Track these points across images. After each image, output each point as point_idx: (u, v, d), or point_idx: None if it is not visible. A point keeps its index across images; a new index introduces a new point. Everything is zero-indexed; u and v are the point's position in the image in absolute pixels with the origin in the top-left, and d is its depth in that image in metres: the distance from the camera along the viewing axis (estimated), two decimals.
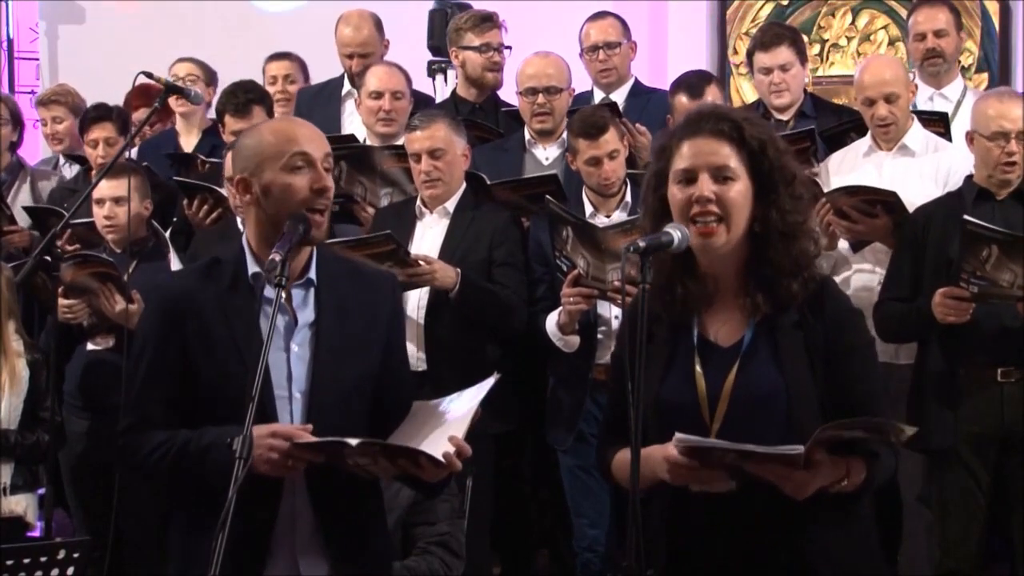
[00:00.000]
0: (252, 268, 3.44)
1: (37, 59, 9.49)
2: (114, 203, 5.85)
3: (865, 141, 5.79)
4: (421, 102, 6.72)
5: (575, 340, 5.33)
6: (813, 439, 2.99)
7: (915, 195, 5.38)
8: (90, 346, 5.93)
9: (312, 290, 3.48)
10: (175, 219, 6.21)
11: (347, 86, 6.98)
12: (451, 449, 3.25)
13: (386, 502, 4.04)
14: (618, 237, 5.09)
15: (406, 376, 3.69)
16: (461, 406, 3.41)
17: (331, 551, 3.45)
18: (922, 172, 5.60)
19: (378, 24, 7.05)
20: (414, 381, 3.69)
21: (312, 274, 3.48)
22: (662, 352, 3.19)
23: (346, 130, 6.69)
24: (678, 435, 3.03)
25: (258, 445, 3.20)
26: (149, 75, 5.27)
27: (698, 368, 3.22)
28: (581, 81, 6.73)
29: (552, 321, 5.39)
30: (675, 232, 3.14)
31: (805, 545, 3.17)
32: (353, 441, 3.24)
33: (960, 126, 5.80)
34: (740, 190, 3.19)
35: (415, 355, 5.38)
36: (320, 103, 6.98)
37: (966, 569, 5.22)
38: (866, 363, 3.31)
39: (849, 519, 3.23)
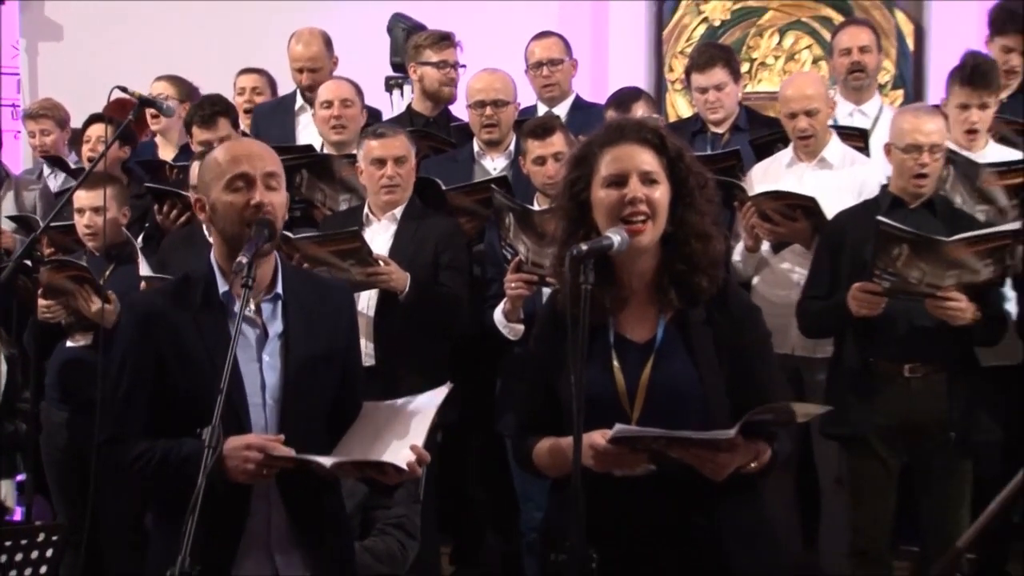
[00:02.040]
0: (223, 287, 3.46)
1: (18, 74, 9.43)
2: (93, 212, 5.84)
3: (787, 152, 5.84)
4: (372, 115, 6.75)
5: (520, 328, 5.35)
6: (740, 424, 3.03)
7: (832, 205, 5.41)
8: (68, 343, 5.91)
9: (280, 303, 3.50)
10: (147, 224, 6.19)
11: (300, 100, 7.00)
12: (413, 457, 3.30)
13: (348, 488, 4.06)
14: (552, 221, 5.13)
15: (360, 379, 3.71)
16: (416, 411, 3.44)
17: (303, 542, 3.47)
18: (839, 184, 5.63)
19: (327, 41, 7.06)
20: (365, 380, 3.69)
21: (279, 288, 3.50)
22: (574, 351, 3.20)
23: (300, 141, 6.69)
24: (619, 426, 3.07)
25: (234, 456, 3.26)
26: (124, 89, 5.27)
27: (616, 363, 3.25)
28: (527, 96, 6.76)
29: (499, 311, 5.41)
30: (615, 236, 3.16)
31: (716, 519, 3.21)
32: (327, 461, 3.29)
33: (878, 140, 5.85)
34: (663, 193, 3.24)
35: (364, 349, 5.30)
36: (276, 117, 7.00)
37: (877, 547, 5.25)
38: (766, 355, 3.39)
39: (753, 496, 3.29)
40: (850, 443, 5.25)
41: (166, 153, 7.07)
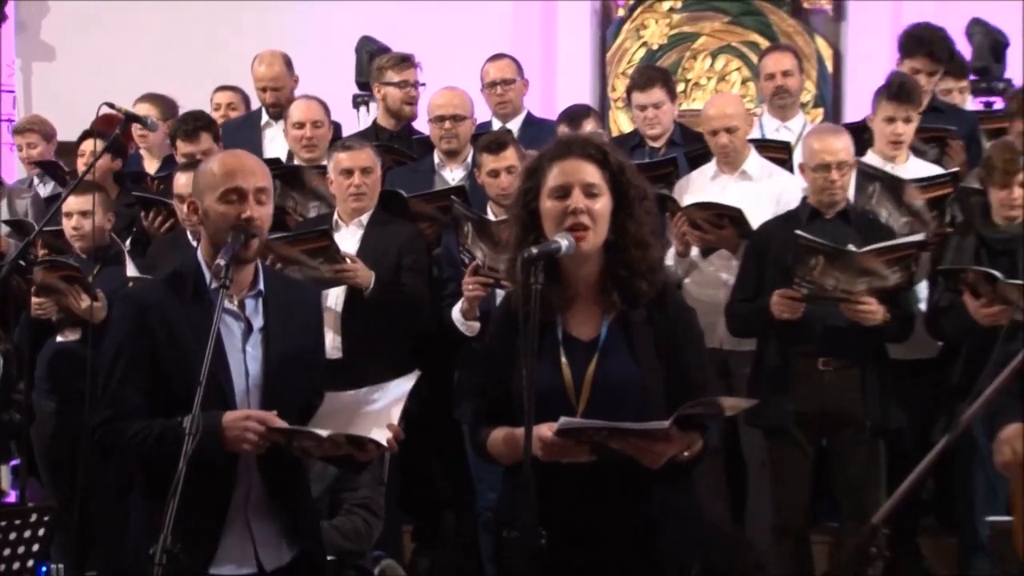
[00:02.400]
0: (211, 283, 3.45)
1: (13, 92, 9.37)
2: (81, 216, 5.83)
3: (711, 166, 5.86)
4: (335, 129, 6.76)
5: (476, 325, 5.33)
6: (675, 416, 3.04)
7: (752, 213, 5.44)
8: (59, 338, 5.88)
9: (261, 299, 3.51)
10: (134, 229, 6.16)
11: (265, 117, 6.99)
12: (390, 435, 3.32)
13: (316, 472, 4.06)
14: (506, 229, 5.14)
15: (324, 370, 3.72)
16: (388, 397, 3.44)
17: (278, 514, 3.49)
18: (759, 194, 5.65)
19: (288, 62, 7.04)
20: (333, 372, 3.70)
21: (261, 286, 3.52)
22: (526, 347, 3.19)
23: (267, 154, 6.63)
24: (564, 419, 3.08)
25: (233, 427, 3.29)
26: (111, 106, 5.25)
27: (563, 359, 3.25)
28: (483, 113, 6.76)
29: (457, 310, 5.40)
30: (563, 241, 3.17)
31: (652, 503, 3.22)
32: (323, 433, 3.31)
33: (799, 155, 5.87)
34: (604, 204, 3.24)
35: (332, 343, 5.36)
36: (243, 133, 6.96)
37: (796, 524, 5.29)
38: (700, 352, 3.41)
39: (686, 481, 3.30)
40: (771, 431, 5.27)
41: (150, 166, 7.02)
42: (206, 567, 3.40)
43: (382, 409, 3.41)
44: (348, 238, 5.55)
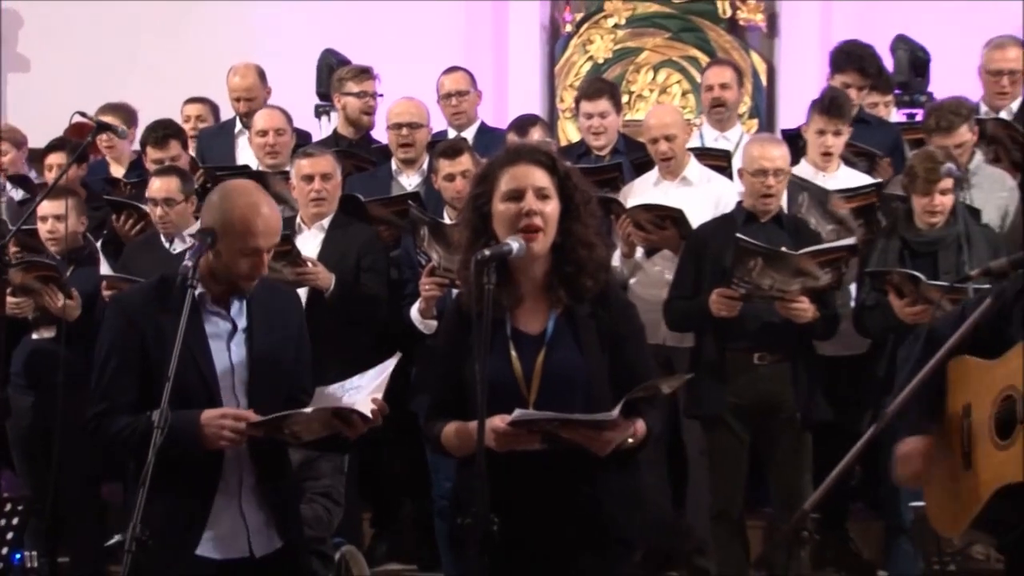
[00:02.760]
0: (199, 289, 3.45)
1: None
2: (55, 220, 5.80)
3: (654, 172, 5.87)
4: (302, 137, 6.76)
5: (433, 323, 5.32)
6: (621, 405, 3.06)
7: (693, 217, 5.46)
8: (34, 336, 5.83)
9: (244, 303, 3.53)
10: (104, 231, 6.11)
11: (239, 126, 6.97)
12: (375, 407, 3.32)
13: None
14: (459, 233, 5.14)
15: (309, 366, 3.71)
16: (371, 378, 3.44)
17: (269, 503, 3.50)
18: (698, 198, 5.66)
19: (261, 74, 7.06)
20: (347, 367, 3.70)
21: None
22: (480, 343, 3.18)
23: (240, 161, 6.66)
24: (519, 411, 3.08)
25: (211, 425, 3.31)
26: (83, 115, 5.24)
27: (513, 353, 3.25)
28: (439, 122, 6.75)
29: (414, 309, 5.39)
30: (514, 243, 3.17)
31: (599, 488, 3.23)
32: (308, 409, 3.34)
33: (738, 162, 5.90)
34: (554, 207, 3.25)
35: None
36: (218, 140, 6.98)
37: (733, 509, 5.30)
38: (641, 345, 3.42)
39: (631, 467, 3.30)
40: (709, 421, 5.29)
41: (116, 171, 6.99)
42: (192, 550, 3.40)
43: (366, 389, 3.42)
44: (309, 241, 5.53)
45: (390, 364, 3.44)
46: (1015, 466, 2.96)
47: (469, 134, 6.61)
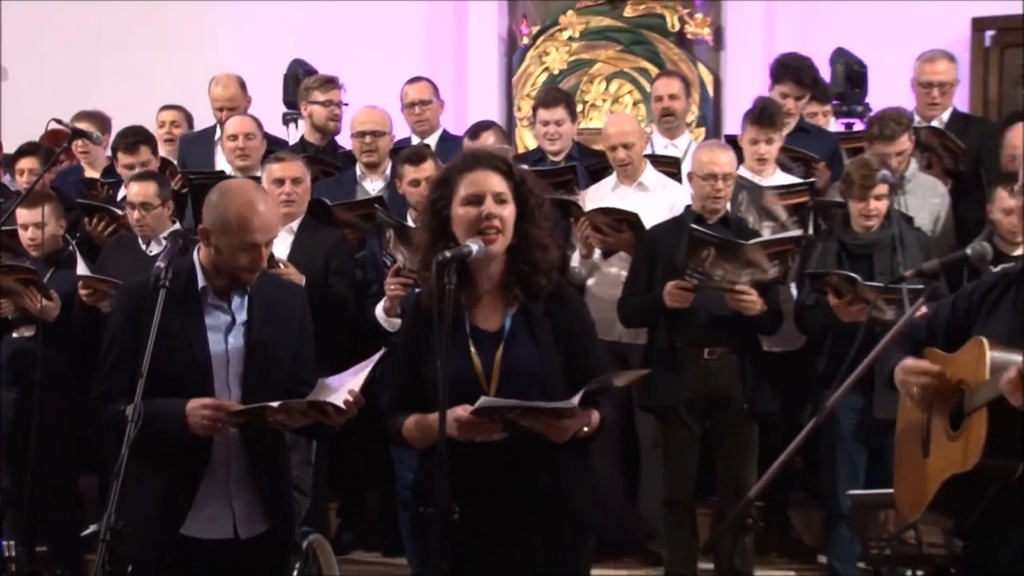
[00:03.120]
0: (202, 283, 3.50)
1: None
2: (35, 227, 5.76)
3: (612, 178, 5.89)
4: (276, 143, 6.73)
5: (397, 322, 5.29)
6: (580, 395, 3.07)
7: (649, 220, 5.48)
8: (15, 335, 5.79)
9: (246, 298, 3.53)
10: (78, 233, 6.06)
11: (219, 133, 6.87)
12: (350, 398, 3.34)
13: None
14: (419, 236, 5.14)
15: (311, 359, 3.71)
16: (353, 372, 3.47)
17: (257, 490, 3.51)
18: (654, 203, 5.69)
19: (242, 84, 7.02)
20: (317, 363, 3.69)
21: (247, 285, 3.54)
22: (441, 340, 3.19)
23: (218, 166, 6.62)
24: (483, 398, 3.09)
25: (193, 414, 3.33)
26: (59, 122, 5.19)
27: (473, 349, 3.25)
28: (404, 131, 6.74)
29: (379, 308, 5.38)
30: (473, 245, 3.17)
31: (555, 474, 3.24)
32: (275, 403, 3.34)
33: (687, 168, 5.92)
34: (510, 210, 3.26)
35: None
36: (198, 146, 6.93)
37: (684, 497, 5.33)
38: (592, 339, 3.44)
39: (585, 454, 3.32)
40: (661, 413, 5.31)
41: (91, 174, 6.93)
42: (178, 528, 3.43)
43: (347, 382, 3.44)
44: (279, 243, 5.47)
45: (374, 358, 3.47)
46: (960, 457, 2.99)
47: (432, 141, 6.60)
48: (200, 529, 3.47)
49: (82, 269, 5.59)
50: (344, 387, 3.43)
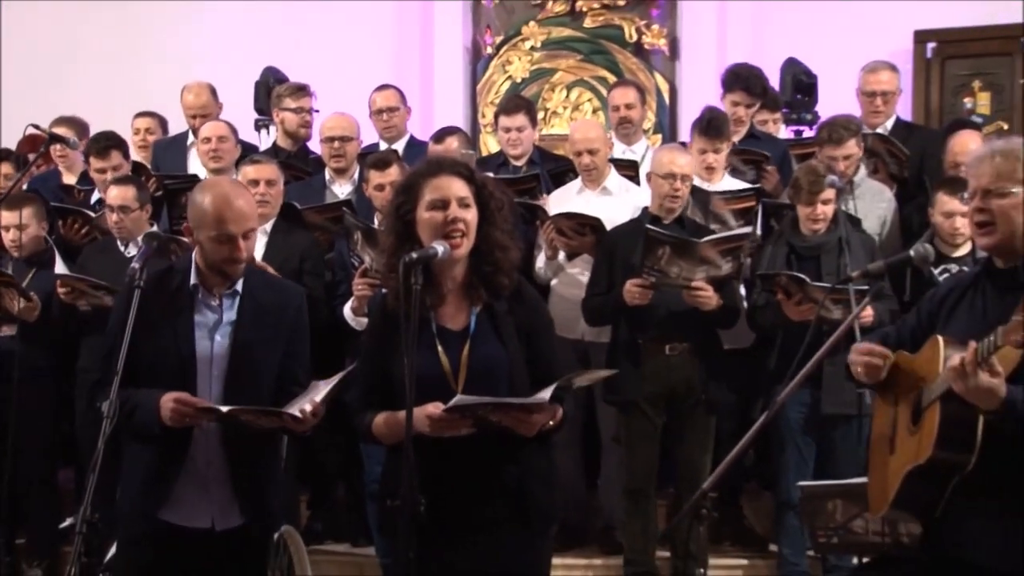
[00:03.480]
0: (193, 280, 3.52)
1: None
2: (16, 229, 5.73)
3: (577, 182, 5.88)
4: (249, 148, 6.69)
5: (364, 320, 5.28)
6: (552, 389, 3.08)
7: (612, 223, 5.47)
8: None
9: (237, 298, 3.54)
10: (52, 235, 6.00)
11: (191, 138, 6.87)
12: (308, 408, 3.38)
13: None
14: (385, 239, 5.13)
15: (306, 359, 3.72)
16: (325, 383, 3.51)
17: (235, 484, 3.51)
18: (618, 206, 5.67)
19: (213, 91, 6.99)
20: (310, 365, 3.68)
21: (239, 287, 3.56)
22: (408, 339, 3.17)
23: (191, 171, 6.58)
24: (459, 396, 3.08)
25: (164, 407, 3.36)
26: (37, 127, 5.16)
27: (440, 348, 3.24)
28: (371, 136, 6.71)
29: (347, 308, 5.35)
30: (439, 247, 3.16)
31: (520, 467, 3.24)
32: (224, 408, 3.35)
33: (645, 170, 5.93)
34: (473, 214, 3.26)
35: None
36: (171, 152, 6.89)
37: (645, 487, 5.34)
38: (552, 336, 3.45)
39: (548, 447, 3.32)
40: (624, 406, 5.31)
41: (69, 179, 6.88)
42: (156, 512, 3.45)
43: (316, 391, 3.48)
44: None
45: (340, 375, 3.50)
46: (919, 449, 3.00)
47: (399, 146, 6.59)
48: (178, 516, 3.49)
49: (60, 268, 5.54)
50: (311, 396, 3.44)
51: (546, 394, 3.08)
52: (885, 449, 3.21)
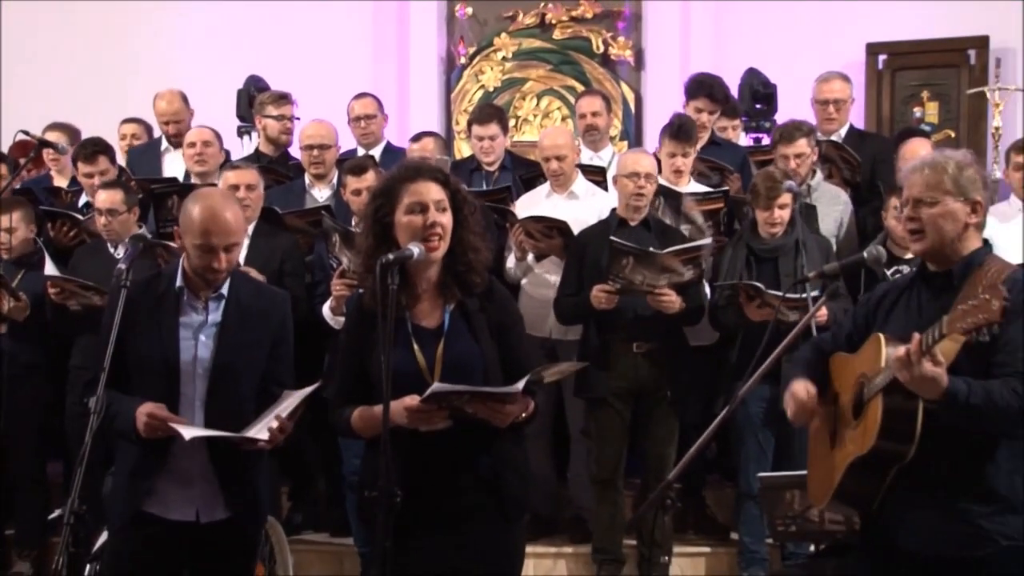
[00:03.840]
0: (179, 283, 3.49)
1: None
2: (5, 232, 5.67)
3: (546, 186, 5.87)
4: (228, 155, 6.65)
5: (343, 319, 5.25)
6: (525, 381, 3.08)
7: (578, 226, 5.47)
8: None
9: (223, 301, 3.51)
10: (40, 237, 5.94)
11: (165, 144, 6.86)
12: (275, 425, 3.37)
13: None
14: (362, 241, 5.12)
15: (290, 362, 3.68)
16: (292, 399, 3.49)
17: (221, 480, 3.48)
18: (585, 210, 5.65)
19: (184, 99, 6.93)
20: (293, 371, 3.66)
21: (224, 290, 3.52)
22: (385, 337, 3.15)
23: (166, 174, 6.53)
24: (437, 384, 3.07)
25: (139, 417, 3.32)
26: (26, 133, 5.11)
27: (415, 345, 3.22)
28: (350, 142, 6.69)
29: (326, 307, 5.33)
30: (415, 248, 3.15)
31: (494, 457, 3.24)
32: (187, 435, 3.30)
33: (612, 174, 5.94)
34: (448, 217, 3.24)
35: None
36: (146, 157, 6.85)
37: (613, 478, 5.35)
38: (522, 332, 3.44)
39: (520, 437, 3.31)
40: (593, 401, 5.32)
41: (61, 183, 6.81)
42: (141, 505, 3.43)
43: (283, 406, 3.45)
44: None
45: (308, 390, 3.48)
46: (860, 441, 3.03)
47: (376, 152, 6.57)
48: (163, 509, 3.46)
49: (50, 269, 5.49)
50: (278, 411, 3.41)
51: (519, 384, 3.07)
52: (825, 443, 3.22)
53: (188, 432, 3.30)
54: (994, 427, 2.96)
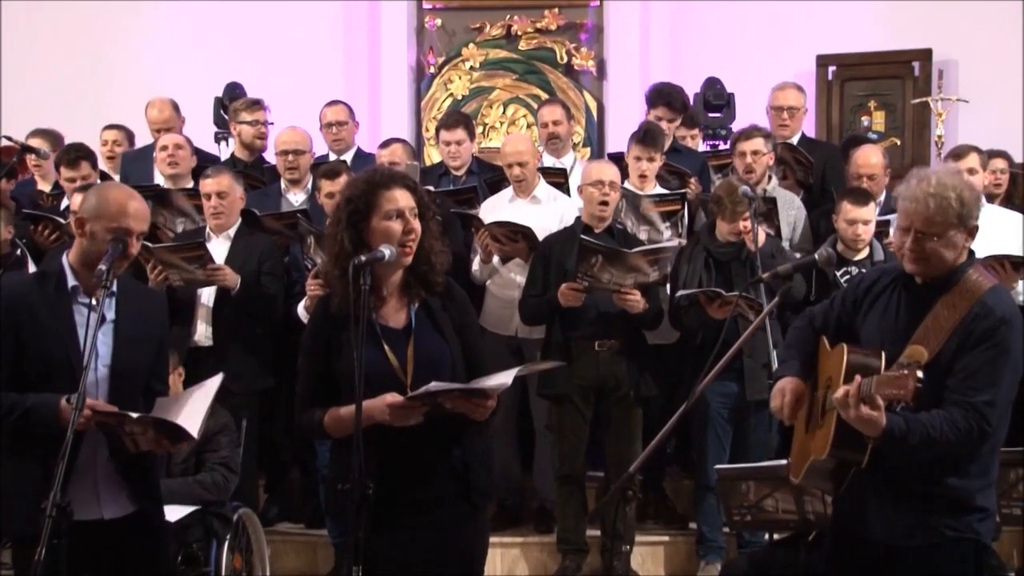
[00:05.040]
0: (72, 282, 3.38)
1: None
2: None
3: (509, 191, 5.86)
4: (209, 159, 6.62)
5: None
6: (513, 375, 3.09)
7: (541, 229, 5.47)
8: None
9: (114, 299, 3.41)
10: (23, 239, 5.87)
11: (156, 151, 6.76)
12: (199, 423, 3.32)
13: None
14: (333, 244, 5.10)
15: (166, 364, 3.66)
16: (200, 396, 3.41)
17: (122, 476, 3.40)
18: (546, 214, 5.67)
19: (175, 106, 6.87)
20: (203, 357, 3.60)
21: (115, 288, 3.40)
22: (350, 338, 3.10)
23: (156, 180, 6.43)
24: (435, 383, 3.05)
25: (65, 409, 3.21)
26: (9, 138, 5.05)
27: (385, 346, 3.20)
28: (322, 148, 6.66)
29: (301, 306, 5.31)
30: (387, 251, 3.13)
31: (462, 448, 3.24)
32: (134, 414, 3.25)
33: (574, 183, 5.94)
34: (419, 223, 3.23)
35: (204, 332, 5.38)
36: (138, 163, 6.74)
37: (576, 473, 5.34)
38: (477, 331, 3.47)
39: (488, 430, 3.32)
40: (557, 398, 5.31)
41: (44, 187, 6.73)
42: (39, 505, 3.19)
43: (196, 404, 3.38)
44: (218, 247, 5.46)
45: (215, 384, 3.43)
46: (821, 445, 3.06)
47: (348, 157, 6.54)
48: (76, 511, 3.26)
49: (32, 270, 5.42)
50: (185, 409, 3.35)
51: (508, 378, 3.07)
52: (804, 425, 3.24)
53: (135, 414, 3.24)
54: (934, 456, 3.00)
